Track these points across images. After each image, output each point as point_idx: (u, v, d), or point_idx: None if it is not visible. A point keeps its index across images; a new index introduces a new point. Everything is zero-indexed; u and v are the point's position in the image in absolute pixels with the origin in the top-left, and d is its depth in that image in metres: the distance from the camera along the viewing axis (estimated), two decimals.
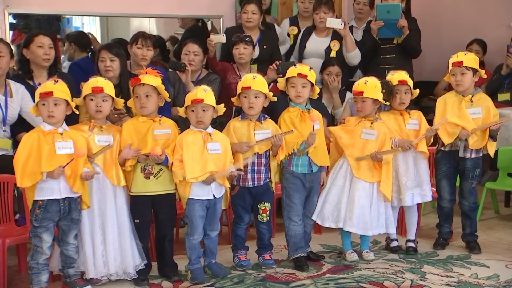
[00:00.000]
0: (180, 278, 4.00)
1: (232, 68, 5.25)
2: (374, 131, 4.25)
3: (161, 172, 3.93)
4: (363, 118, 4.28)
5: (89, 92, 3.82)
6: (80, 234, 3.84)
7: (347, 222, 4.23)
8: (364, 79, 4.31)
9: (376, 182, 4.25)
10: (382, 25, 5.57)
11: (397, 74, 4.38)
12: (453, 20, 6.99)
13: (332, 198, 4.26)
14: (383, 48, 5.73)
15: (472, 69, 4.34)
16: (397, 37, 5.67)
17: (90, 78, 3.94)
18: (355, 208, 4.22)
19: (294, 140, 4.07)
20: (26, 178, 3.60)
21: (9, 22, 5.04)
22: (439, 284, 3.92)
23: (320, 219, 4.28)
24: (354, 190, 4.24)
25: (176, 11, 5.99)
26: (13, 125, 4.53)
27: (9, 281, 3.90)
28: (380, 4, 5.66)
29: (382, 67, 5.55)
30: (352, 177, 4.25)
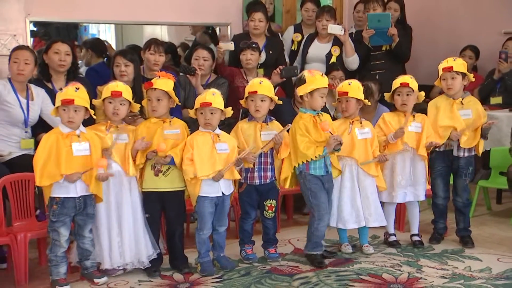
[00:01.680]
0: (190, 270, 4.00)
1: (240, 72, 5.25)
2: (367, 128, 4.26)
3: (169, 170, 3.93)
4: (349, 120, 4.25)
5: (108, 95, 3.83)
6: (97, 227, 3.85)
7: (368, 219, 4.24)
8: (348, 81, 4.31)
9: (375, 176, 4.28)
10: (373, 34, 5.62)
11: (401, 77, 4.37)
12: (448, 27, 6.98)
13: (346, 200, 4.22)
14: (373, 55, 5.78)
15: (461, 74, 4.34)
16: (388, 44, 5.71)
17: (110, 82, 3.97)
18: (371, 204, 4.24)
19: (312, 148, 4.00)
20: (45, 178, 3.62)
21: (30, 30, 5.04)
22: (434, 277, 3.91)
23: (341, 223, 4.24)
24: (365, 188, 4.24)
25: (186, 19, 6.00)
26: (34, 126, 4.54)
27: (31, 273, 3.91)
28: (371, 14, 5.70)
29: (373, 72, 5.66)
30: (358, 176, 4.24)
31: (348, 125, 4.24)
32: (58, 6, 5.18)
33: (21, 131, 4.47)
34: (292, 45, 5.98)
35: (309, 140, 4.01)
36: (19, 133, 4.47)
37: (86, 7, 5.33)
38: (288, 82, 5.33)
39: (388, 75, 4.57)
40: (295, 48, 5.95)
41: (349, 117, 4.26)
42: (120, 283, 3.84)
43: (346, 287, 3.76)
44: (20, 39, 4.74)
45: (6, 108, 4.37)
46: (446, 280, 3.86)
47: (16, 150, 4.42)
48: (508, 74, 5.98)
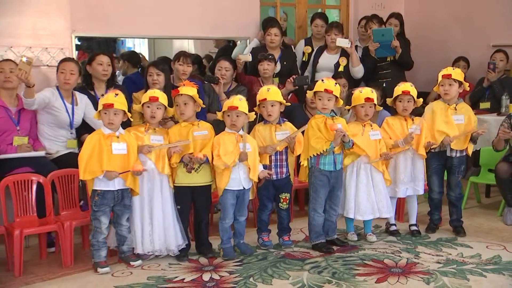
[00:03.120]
0: (214, 255, 4.00)
1: (258, 81, 5.23)
2: (377, 131, 4.24)
3: (201, 167, 3.93)
4: (361, 123, 4.22)
5: (146, 100, 3.85)
6: (132, 217, 3.86)
7: (382, 210, 4.23)
8: (370, 88, 4.26)
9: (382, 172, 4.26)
10: (378, 47, 5.62)
11: (402, 85, 4.33)
12: (442, 40, 6.93)
13: (362, 194, 4.19)
14: (380, 66, 5.78)
15: (458, 82, 4.31)
16: (392, 55, 5.70)
17: (149, 90, 4.01)
18: (384, 197, 4.22)
19: (321, 143, 4.00)
20: (88, 173, 3.64)
21: (75, 44, 5.07)
22: (430, 262, 3.88)
23: (359, 215, 4.21)
24: (377, 183, 4.21)
25: (210, 33, 6.00)
26: (77, 128, 4.56)
27: (75, 256, 3.93)
28: (375, 29, 5.71)
29: (381, 80, 5.65)
30: (372, 171, 4.21)
31: (361, 127, 4.21)
32: (99, 23, 5.20)
33: (67, 132, 4.50)
34: (303, 56, 5.95)
35: (319, 136, 4.00)
36: (65, 134, 4.49)
37: (123, 23, 5.34)
38: (300, 89, 5.31)
39: (394, 83, 4.55)
40: (306, 59, 5.92)
41: (361, 120, 4.23)
42: (153, 265, 3.84)
43: (351, 270, 3.73)
44: (66, 52, 4.76)
45: (54, 112, 4.40)
46: (440, 265, 3.82)
47: (63, 149, 4.45)
48: (496, 82, 5.94)
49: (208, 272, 3.72)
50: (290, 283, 3.54)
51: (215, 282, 3.56)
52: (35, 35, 4.62)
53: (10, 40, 4.51)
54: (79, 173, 3.67)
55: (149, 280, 3.60)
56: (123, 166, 3.68)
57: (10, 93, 4.35)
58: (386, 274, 3.67)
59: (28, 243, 4.17)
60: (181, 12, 5.62)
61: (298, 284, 3.52)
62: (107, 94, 3.78)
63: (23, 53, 4.49)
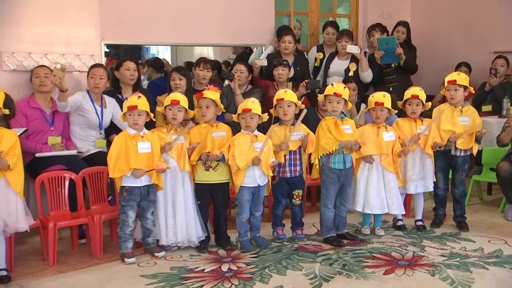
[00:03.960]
0: (232, 247, 3.99)
1: (273, 85, 5.22)
2: (391, 132, 4.21)
3: (218, 165, 3.93)
4: (376, 125, 4.18)
5: (168, 103, 3.86)
6: (156, 211, 3.87)
7: (391, 207, 4.19)
8: (382, 93, 4.21)
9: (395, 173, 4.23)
10: (383, 54, 5.60)
11: (412, 89, 4.30)
12: (446, 47, 6.87)
13: (372, 190, 4.16)
14: (386, 72, 5.76)
15: (463, 86, 4.27)
16: (396, 62, 5.68)
17: (171, 93, 4.01)
18: (394, 195, 4.19)
19: (331, 143, 3.98)
20: (116, 171, 3.66)
21: (104, 51, 5.10)
22: (435, 255, 3.84)
23: (368, 209, 4.18)
24: (389, 181, 4.18)
25: (229, 41, 6.00)
26: (106, 129, 4.57)
27: (104, 247, 3.95)
28: (380, 38, 5.71)
29: (388, 85, 5.63)
30: (383, 172, 4.18)
31: (375, 129, 4.18)
32: (126, 31, 5.22)
33: (97, 133, 4.52)
34: (315, 62, 5.92)
35: (329, 137, 3.98)
36: (95, 134, 4.51)
37: (148, 32, 5.36)
38: (312, 93, 5.28)
39: (400, 87, 4.56)
40: (317, 64, 5.90)
41: (378, 123, 4.19)
42: (175, 256, 3.85)
43: (361, 263, 3.70)
44: (96, 58, 4.78)
45: (85, 114, 4.42)
46: (445, 258, 3.78)
47: (92, 148, 4.46)
48: (497, 87, 5.88)
49: (226, 263, 3.72)
50: (303, 274, 3.52)
51: (233, 273, 3.55)
52: (68, 43, 4.65)
53: (45, 48, 4.54)
54: (109, 171, 3.69)
55: (172, 270, 3.61)
56: (148, 163, 3.69)
57: (45, 96, 4.38)
58: (393, 266, 3.64)
59: (61, 235, 4.20)
60: (202, 21, 5.62)
61: (310, 275, 3.50)
62: (130, 97, 3.80)
63: (57, 60, 4.52)
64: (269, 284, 3.38)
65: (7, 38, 4.38)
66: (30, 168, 4.06)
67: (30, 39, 4.47)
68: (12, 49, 4.40)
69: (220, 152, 3.82)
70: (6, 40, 4.38)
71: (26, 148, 4.03)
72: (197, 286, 3.34)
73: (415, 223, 4.46)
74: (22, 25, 4.43)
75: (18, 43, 4.42)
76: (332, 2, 6.86)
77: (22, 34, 4.44)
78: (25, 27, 4.45)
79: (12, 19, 4.38)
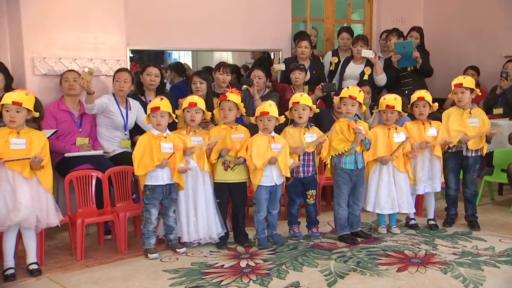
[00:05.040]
0: (250, 244, 3.99)
1: (290, 88, 5.20)
2: (402, 133, 4.16)
3: (236, 166, 3.93)
4: (387, 126, 4.14)
5: (186, 105, 3.86)
6: (178, 209, 3.88)
7: (401, 206, 4.15)
8: (393, 95, 4.17)
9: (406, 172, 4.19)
10: (400, 58, 5.54)
11: (417, 92, 4.26)
12: (457, 51, 6.78)
13: (383, 190, 4.13)
14: (402, 75, 5.70)
15: (469, 89, 4.22)
16: (413, 65, 5.61)
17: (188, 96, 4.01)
18: (404, 194, 4.14)
19: (342, 144, 3.96)
20: (141, 168, 3.67)
21: (129, 56, 5.14)
22: (447, 253, 3.79)
23: (378, 209, 4.15)
24: (399, 181, 4.14)
25: (248, 46, 6.00)
26: (131, 130, 4.60)
27: (129, 243, 3.97)
28: (397, 42, 5.64)
29: (403, 88, 5.57)
30: (394, 171, 4.14)
31: (386, 130, 4.15)
32: (150, 37, 5.26)
33: (122, 134, 4.54)
34: (330, 66, 5.90)
35: (341, 138, 3.96)
36: (120, 135, 4.53)
37: (170, 38, 5.39)
38: (327, 96, 5.25)
39: (415, 90, 4.46)
40: (332, 68, 5.87)
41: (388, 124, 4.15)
42: (196, 252, 3.85)
43: (374, 260, 3.67)
44: (122, 63, 4.81)
45: (111, 116, 4.45)
46: (457, 256, 3.73)
47: (118, 148, 4.49)
48: (508, 90, 5.79)
49: (244, 260, 3.71)
50: (318, 271, 3.50)
51: (251, 269, 3.54)
52: (95, 48, 4.69)
53: (74, 53, 4.59)
54: (134, 169, 3.71)
55: (192, 266, 3.61)
56: (170, 163, 3.70)
57: (73, 99, 4.42)
58: (406, 264, 3.60)
59: (88, 231, 4.23)
60: (222, 27, 5.63)
61: (325, 272, 3.48)
62: (153, 100, 3.82)
63: (85, 65, 4.56)
64: (285, 280, 3.36)
65: (39, 45, 4.44)
66: (59, 167, 4.11)
67: (60, 45, 4.53)
68: (44, 55, 4.45)
69: (241, 157, 3.83)
70: (38, 46, 4.44)
71: (56, 149, 4.08)
72: (217, 281, 3.35)
73: (427, 222, 4.41)
74: (53, 32, 4.49)
75: (49, 49, 4.48)
76: (347, 8, 6.83)
77: (53, 40, 4.50)
78: (55, 34, 4.50)
79: (43, 27, 4.44)
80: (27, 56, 4.40)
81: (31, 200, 3.32)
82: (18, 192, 3.28)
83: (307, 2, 6.44)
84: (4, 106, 3.33)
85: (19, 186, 3.29)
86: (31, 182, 3.35)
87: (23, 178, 3.31)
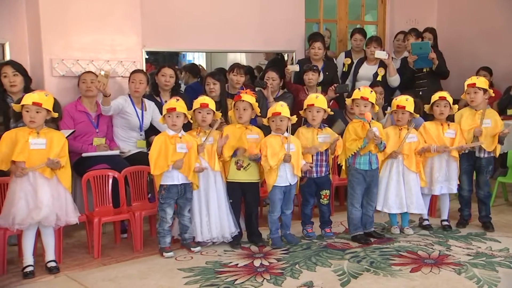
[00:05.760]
0: (263, 244, 3.99)
1: (303, 89, 5.19)
2: (414, 134, 4.14)
3: (249, 165, 3.94)
4: (398, 127, 4.11)
5: (197, 106, 3.87)
6: (191, 209, 3.89)
7: (410, 206, 4.13)
8: (405, 96, 4.15)
9: (418, 172, 4.15)
10: (416, 59, 5.48)
11: (439, 92, 4.24)
12: (471, 52, 6.70)
13: (392, 191, 4.11)
14: (417, 76, 5.64)
15: (482, 89, 4.18)
16: (429, 66, 5.55)
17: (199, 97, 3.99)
18: (414, 195, 4.11)
19: (355, 143, 3.95)
20: (157, 168, 3.69)
21: (144, 57, 5.17)
22: (461, 254, 3.75)
23: (386, 208, 4.13)
24: (409, 181, 4.11)
25: (261, 47, 6.00)
26: (146, 130, 4.62)
27: (144, 242, 3.99)
28: (414, 43, 5.58)
29: (418, 89, 5.53)
30: (404, 171, 4.11)
31: (397, 131, 4.13)
32: (165, 39, 5.29)
33: (137, 134, 4.57)
34: (343, 67, 5.88)
35: (354, 138, 3.95)
36: (135, 136, 4.56)
37: (185, 40, 5.41)
38: (340, 97, 5.23)
39: (430, 91, 4.47)
40: (345, 69, 5.85)
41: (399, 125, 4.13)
42: (210, 251, 3.86)
43: (388, 260, 3.65)
44: (138, 64, 4.85)
45: (126, 117, 4.48)
46: (471, 257, 3.69)
47: (133, 148, 4.52)
48: None
49: (258, 259, 3.71)
50: (332, 271, 3.49)
51: (265, 268, 3.54)
52: (112, 50, 4.73)
53: (91, 55, 4.64)
54: (150, 169, 3.73)
55: (207, 264, 3.62)
56: (185, 162, 3.71)
57: (90, 100, 4.46)
58: (420, 264, 3.57)
59: (105, 229, 4.26)
60: (236, 29, 5.64)
61: (339, 272, 3.47)
62: (169, 101, 3.83)
63: (102, 66, 4.60)
64: (299, 279, 3.36)
65: (57, 47, 4.49)
66: (77, 167, 4.14)
67: (78, 47, 4.57)
68: (62, 56, 4.50)
69: (257, 153, 3.83)
70: (56, 48, 4.49)
71: (73, 148, 4.11)
72: (231, 280, 3.35)
73: (441, 223, 4.38)
74: (71, 34, 4.54)
75: (67, 51, 4.53)
76: (360, 9, 6.80)
77: (71, 42, 4.55)
78: (73, 36, 4.55)
79: (61, 29, 4.48)
80: (46, 57, 4.45)
81: (52, 199, 3.36)
82: (39, 191, 3.33)
83: (320, 3, 6.43)
84: (24, 107, 3.37)
85: (40, 186, 3.33)
86: (51, 181, 3.39)
87: (44, 177, 3.35)
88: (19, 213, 3.28)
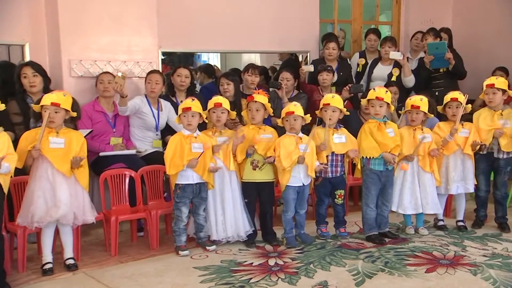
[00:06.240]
0: (278, 243, 3.99)
1: (317, 89, 5.17)
2: (428, 134, 4.11)
3: (264, 165, 3.94)
4: (412, 127, 4.08)
5: (212, 106, 3.88)
6: (206, 208, 3.90)
7: (425, 207, 4.10)
8: (419, 96, 4.12)
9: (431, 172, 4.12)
10: (433, 59, 5.41)
11: (451, 93, 4.20)
12: (486, 52, 6.58)
13: (407, 191, 4.09)
14: (433, 76, 5.57)
15: (501, 90, 4.12)
16: (445, 67, 5.47)
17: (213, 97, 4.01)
18: (429, 195, 4.09)
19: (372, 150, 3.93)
20: (172, 168, 3.71)
21: (160, 58, 5.20)
22: (477, 255, 3.72)
23: (401, 209, 4.12)
24: (424, 182, 4.09)
25: (276, 47, 6.00)
26: (162, 130, 4.65)
27: (160, 240, 4.02)
28: (430, 43, 5.49)
29: (434, 89, 5.45)
30: (419, 171, 4.08)
31: (411, 131, 4.10)
32: (181, 40, 5.31)
33: (153, 134, 4.60)
34: (357, 67, 5.84)
35: (370, 140, 3.92)
36: (152, 135, 4.59)
37: (200, 40, 5.43)
38: (355, 97, 5.21)
39: (446, 91, 4.40)
40: (360, 70, 5.82)
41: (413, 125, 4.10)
42: (225, 250, 3.88)
43: (403, 260, 3.62)
44: (154, 65, 4.88)
45: (143, 117, 4.51)
46: (486, 258, 3.66)
47: (150, 148, 4.55)
48: None
49: (273, 258, 3.72)
50: (346, 270, 3.48)
51: (279, 267, 3.55)
52: (129, 51, 4.77)
53: (109, 56, 4.68)
54: (166, 168, 3.75)
55: (222, 263, 3.63)
56: (200, 162, 3.72)
57: (108, 101, 4.50)
58: (435, 265, 3.54)
59: (122, 228, 4.30)
60: (250, 29, 5.64)
61: (353, 271, 3.45)
62: (185, 101, 3.85)
63: (119, 67, 4.64)
64: (314, 279, 3.35)
65: (75, 47, 4.54)
66: (94, 166, 4.19)
67: (96, 47, 4.62)
68: (80, 57, 4.55)
69: (272, 156, 3.84)
70: (75, 49, 4.54)
71: (91, 148, 4.13)
72: (246, 278, 3.36)
73: (456, 223, 4.34)
74: (89, 36, 4.58)
75: (85, 52, 4.57)
76: (375, 10, 6.75)
77: (89, 43, 4.59)
78: (91, 37, 4.60)
79: (80, 31, 4.53)
80: (64, 58, 4.50)
81: (70, 197, 3.40)
82: (58, 190, 3.37)
83: (335, 4, 6.40)
84: (44, 107, 3.41)
85: (58, 184, 3.38)
86: (70, 180, 3.43)
87: (62, 176, 3.39)
88: (37, 211, 3.33)
